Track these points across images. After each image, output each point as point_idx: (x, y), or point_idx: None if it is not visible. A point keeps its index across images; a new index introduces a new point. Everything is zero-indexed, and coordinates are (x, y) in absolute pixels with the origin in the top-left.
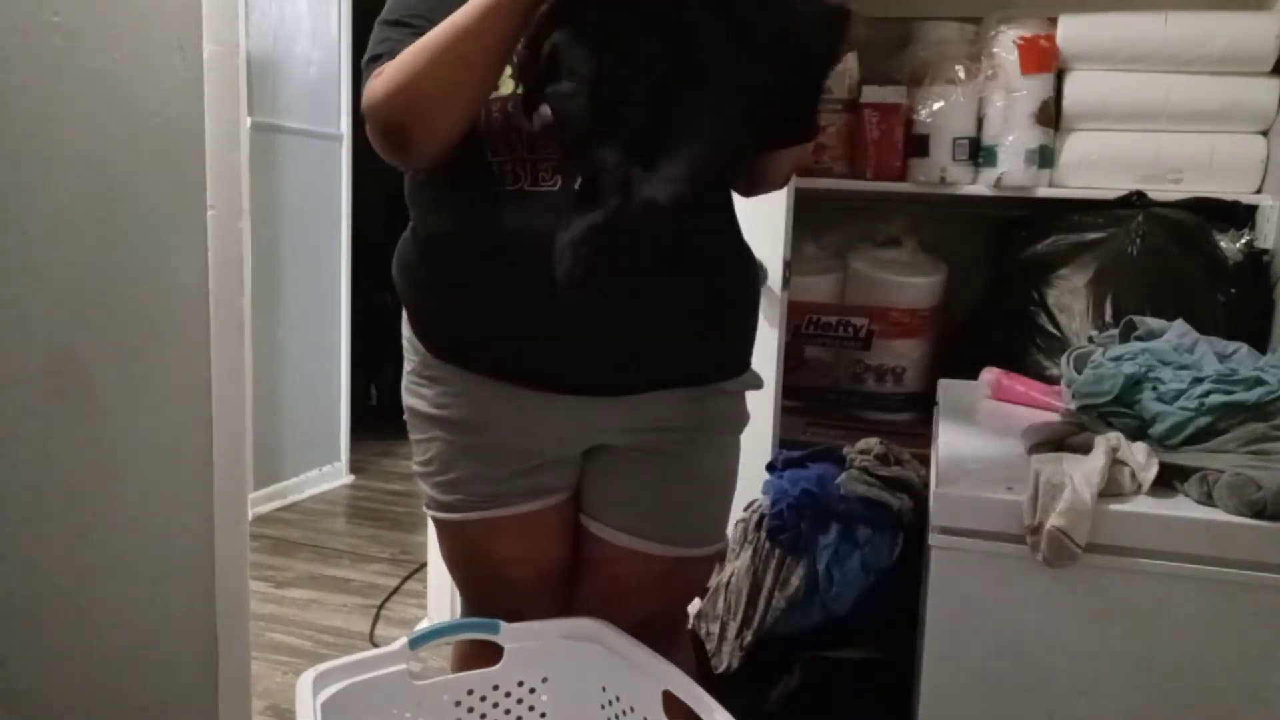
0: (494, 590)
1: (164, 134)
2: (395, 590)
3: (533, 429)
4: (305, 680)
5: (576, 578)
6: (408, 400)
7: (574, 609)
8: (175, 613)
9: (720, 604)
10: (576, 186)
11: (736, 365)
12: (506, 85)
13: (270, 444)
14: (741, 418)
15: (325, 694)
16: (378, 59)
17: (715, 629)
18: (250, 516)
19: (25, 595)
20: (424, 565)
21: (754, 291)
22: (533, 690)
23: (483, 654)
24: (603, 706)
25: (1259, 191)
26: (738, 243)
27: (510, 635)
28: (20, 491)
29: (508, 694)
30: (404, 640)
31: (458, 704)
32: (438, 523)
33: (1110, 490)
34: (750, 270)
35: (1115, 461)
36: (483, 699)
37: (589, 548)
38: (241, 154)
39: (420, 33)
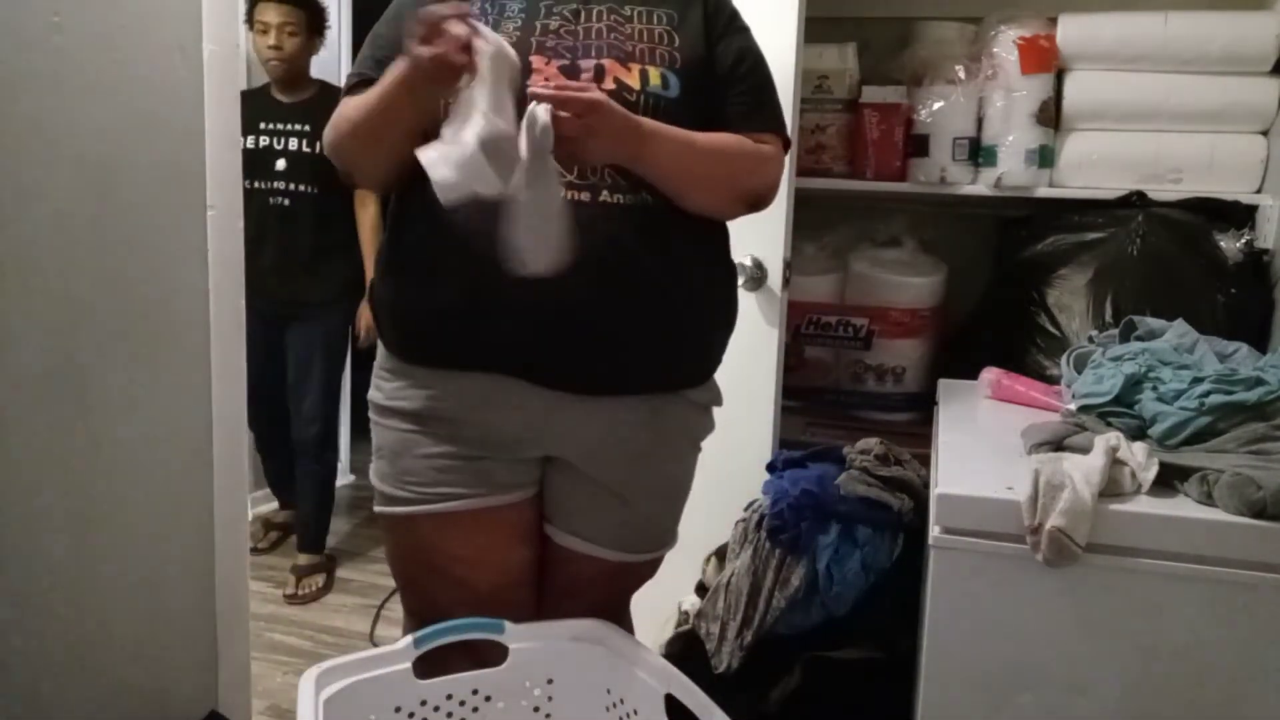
0: (443, 593)
1: (164, 134)
2: (395, 591)
3: (488, 414)
4: (308, 678)
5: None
6: (370, 395)
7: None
8: (175, 613)
9: (720, 604)
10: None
11: (700, 375)
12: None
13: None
14: (703, 428)
15: (328, 691)
16: (349, 90)
17: (715, 629)
18: (250, 516)
19: (25, 596)
20: None
21: (728, 306)
22: (537, 691)
23: None
24: (607, 709)
25: (1259, 191)
26: (716, 254)
27: (515, 636)
28: (20, 492)
29: (512, 694)
30: (409, 639)
31: (462, 703)
32: (388, 520)
33: (1110, 490)
34: (728, 286)
35: (1115, 461)
36: (487, 699)
37: (550, 549)
38: (241, 154)
39: (383, 65)
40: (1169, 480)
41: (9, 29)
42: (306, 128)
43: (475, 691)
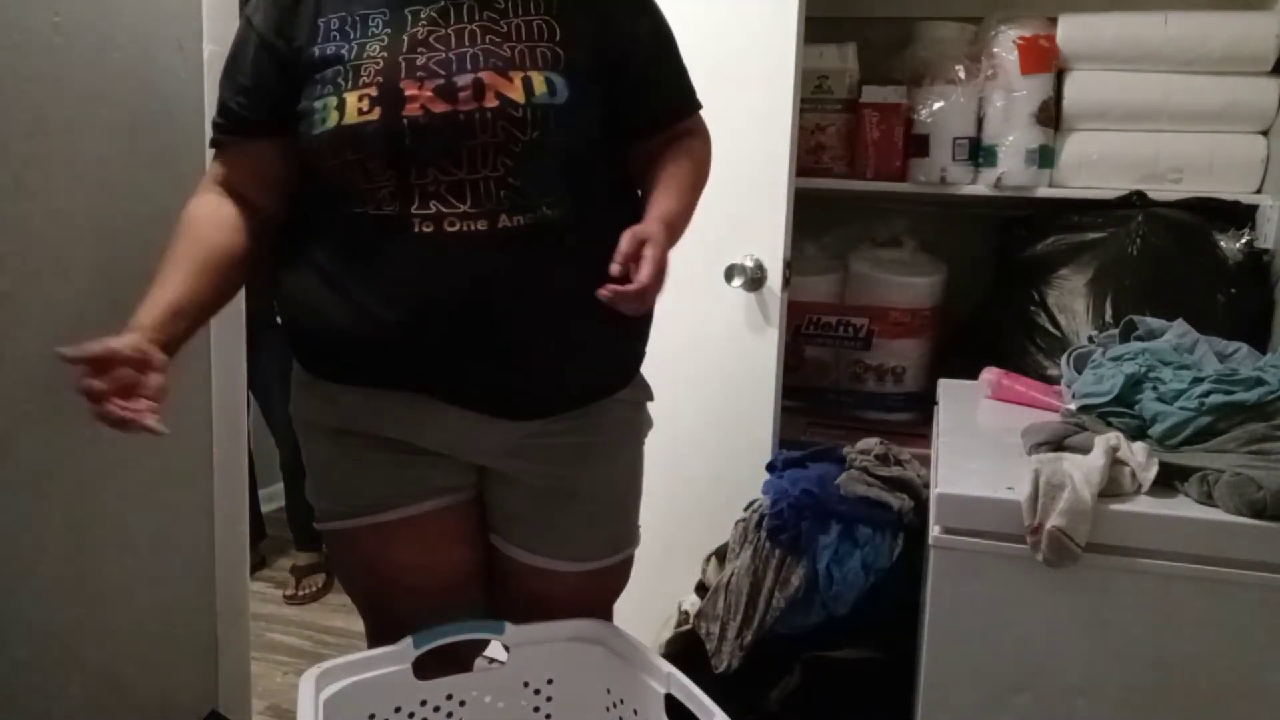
0: (396, 602)
1: (164, 134)
2: None
3: (410, 428)
4: (308, 678)
5: (494, 586)
6: (290, 408)
7: (495, 616)
8: (175, 613)
9: (720, 604)
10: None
11: (621, 382)
12: (332, 117)
13: (270, 444)
14: (638, 425)
15: (328, 692)
16: (213, 143)
17: (715, 629)
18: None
19: (25, 596)
20: None
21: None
22: (537, 691)
23: None
24: (607, 709)
25: (1259, 191)
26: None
27: (516, 636)
28: (20, 492)
29: (512, 694)
30: (409, 640)
31: (463, 704)
32: (329, 536)
33: (1110, 490)
34: None
35: (1115, 461)
36: (487, 699)
37: (498, 561)
38: None
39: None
40: (1169, 480)
41: (9, 29)
42: None
43: (475, 692)
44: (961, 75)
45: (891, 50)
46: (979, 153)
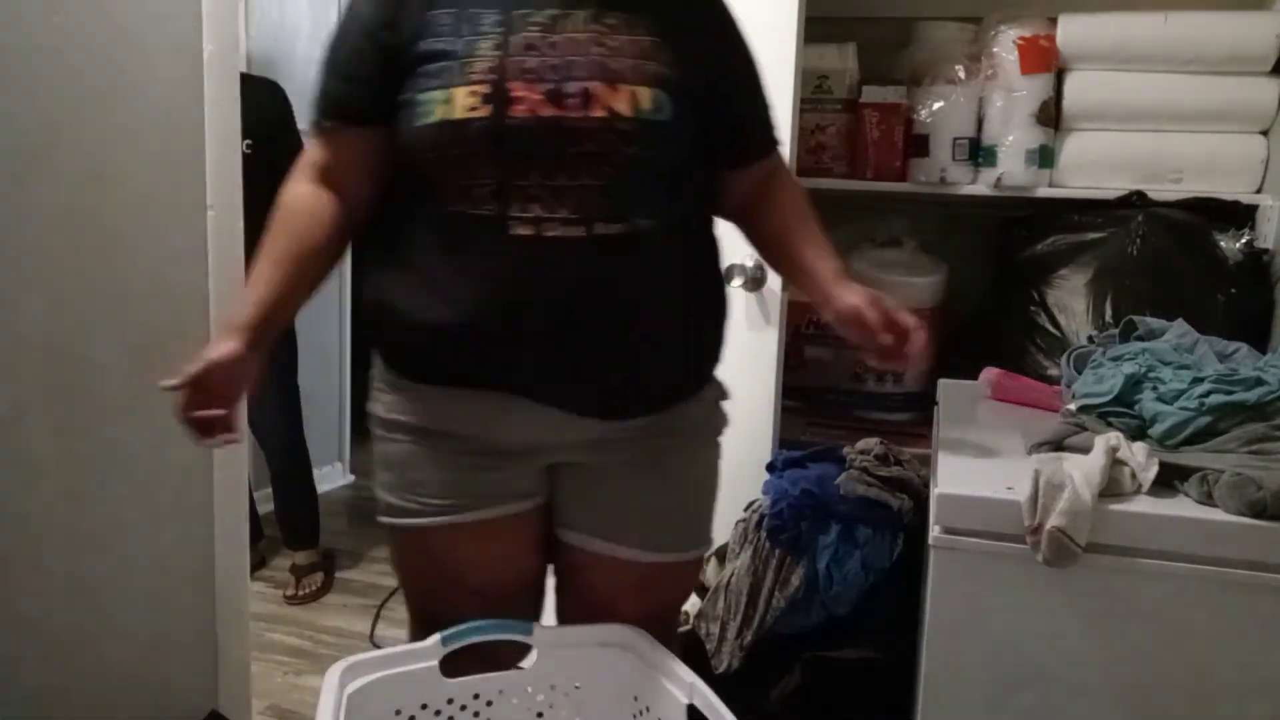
0: (456, 604)
1: (164, 134)
2: (395, 590)
3: (494, 425)
4: (334, 671)
5: (557, 590)
6: (369, 405)
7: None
8: (175, 613)
9: (720, 604)
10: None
11: (702, 383)
12: (439, 111)
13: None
14: (716, 423)
15: (353, 685)
16: (314, 131)
17: (715, 629)
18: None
19: (25, 596)
20: None
21: (723, 315)
22: (565, 695)
23: None
24: (634, 716)
25: (1259, 191)
26: (709, 265)
27: (543, 638)
28: (20, 492)
29: (540, 697)
30: (437, 637)
31: (489, 704)
32: (397, 531)
33: (1110, 490)
34: (720, 294)
35: (1115, 461)
36: (515, 700)
37: (564, 558)
38: (241, 154)
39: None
40: (1169, 480)
41: (9, 30)
42: None
43: (502, 692)
44: (961, 75)
45: (891, 50)
46: (979, 153)
